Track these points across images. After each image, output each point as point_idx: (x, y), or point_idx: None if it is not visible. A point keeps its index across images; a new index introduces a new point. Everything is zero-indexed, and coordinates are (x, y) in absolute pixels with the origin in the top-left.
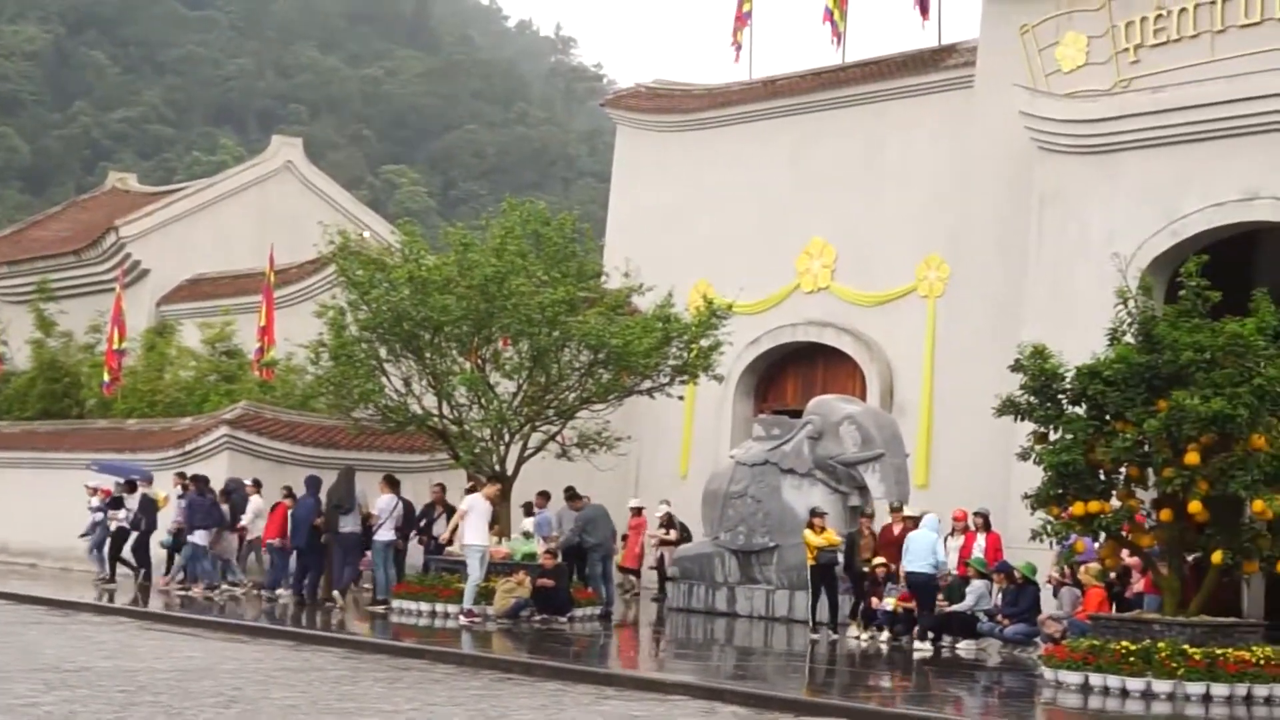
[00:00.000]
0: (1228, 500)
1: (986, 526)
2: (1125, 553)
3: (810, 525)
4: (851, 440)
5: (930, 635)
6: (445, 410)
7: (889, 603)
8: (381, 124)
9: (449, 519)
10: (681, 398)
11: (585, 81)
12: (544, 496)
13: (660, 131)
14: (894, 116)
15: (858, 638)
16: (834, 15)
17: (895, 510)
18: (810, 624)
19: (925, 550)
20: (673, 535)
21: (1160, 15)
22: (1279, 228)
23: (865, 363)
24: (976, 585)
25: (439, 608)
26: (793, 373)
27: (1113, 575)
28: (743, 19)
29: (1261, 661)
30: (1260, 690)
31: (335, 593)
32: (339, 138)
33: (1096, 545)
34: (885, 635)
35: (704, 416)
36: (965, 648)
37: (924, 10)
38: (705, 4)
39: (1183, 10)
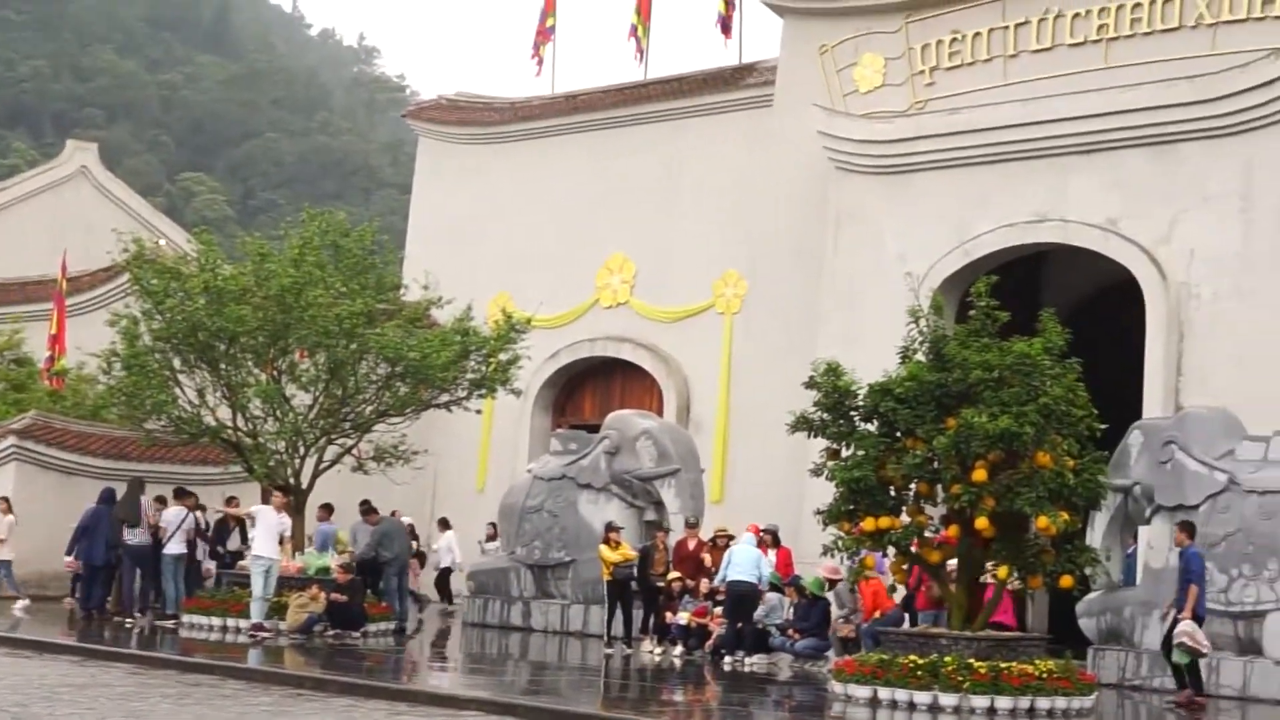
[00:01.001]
0: (1013, 517)
1: (776, 542)
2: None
3: (606, 540)
4: (648, 455)
5: (723, 650)
6: (240, 422)
7: (683, 617)
8: (180, 130)
9: (242, 532)
10: (479, 411)
11: (388, 92)
12: (327, 509)
13: (461, 144)
14: (695, 133)
15: (651, 652)
16: (638, 31)
17: (690, 525)
18: (605, 639)
19: (750, 563)
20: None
21: (955, 39)
22: (1067, 249)
23: (663, 378)
24: (769, 599)
25: (230, 622)
26: (591, 387)
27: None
28: (545, 34)
29: (1044, 675)
30: (1043, 703)
31: (128, 606)
32: (136, 143)
33: (886, 560)
34: (679, 650)
35: (502, 430)
36: (757, 662)
37: (726, 29)
38: (509, 18)
39: (976, 34)
